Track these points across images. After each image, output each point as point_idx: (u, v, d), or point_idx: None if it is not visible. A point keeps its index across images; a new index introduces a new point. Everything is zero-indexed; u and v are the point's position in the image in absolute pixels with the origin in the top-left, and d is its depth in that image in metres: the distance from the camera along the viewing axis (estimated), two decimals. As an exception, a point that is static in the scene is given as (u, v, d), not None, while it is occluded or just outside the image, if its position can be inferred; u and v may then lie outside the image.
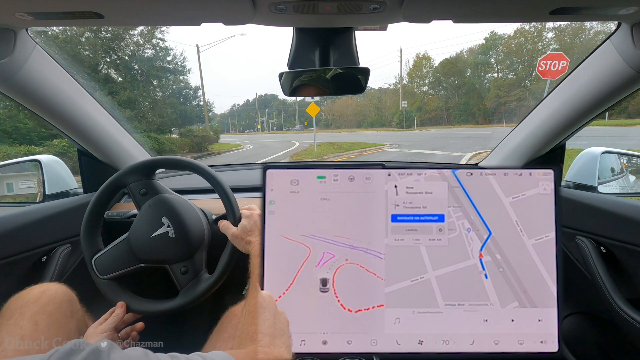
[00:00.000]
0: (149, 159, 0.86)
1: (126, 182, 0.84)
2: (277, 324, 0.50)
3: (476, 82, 34.45)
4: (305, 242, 0.58)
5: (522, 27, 30.06)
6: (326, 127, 51.70)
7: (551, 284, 0.57)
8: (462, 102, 35.24)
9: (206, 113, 21.07)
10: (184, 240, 0.80)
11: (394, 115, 34.77)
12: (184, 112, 16.71)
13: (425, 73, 39.70)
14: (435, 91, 39.37)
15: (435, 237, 0.58)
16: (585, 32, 25.71)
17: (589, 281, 0.89)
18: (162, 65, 14.83)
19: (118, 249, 0.80)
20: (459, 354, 0.57)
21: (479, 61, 34.66)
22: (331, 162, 3.91)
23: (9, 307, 0.67)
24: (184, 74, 16.33)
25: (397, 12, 0.60)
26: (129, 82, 12.94)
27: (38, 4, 0.55)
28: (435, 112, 37.25)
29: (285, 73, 0.71)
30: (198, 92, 18.67)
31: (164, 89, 15.52)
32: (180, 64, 15.71)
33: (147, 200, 0.83)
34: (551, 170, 0.59)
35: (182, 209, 0.83)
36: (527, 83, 29.77)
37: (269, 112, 75.97)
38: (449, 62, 36.70)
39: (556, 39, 28.59)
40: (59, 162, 1.21)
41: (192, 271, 0.80)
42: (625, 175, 1.24)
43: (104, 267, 0.78)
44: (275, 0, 0.54)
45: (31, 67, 0.76)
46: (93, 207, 0.82)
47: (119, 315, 0.74)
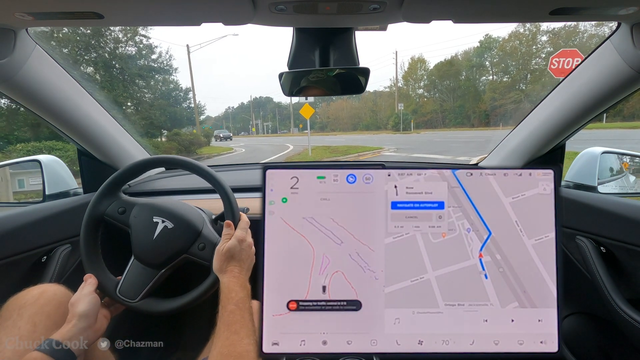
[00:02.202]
0: (111, 178, 0.84)
1: (100, 212, 0.82)
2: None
3: (471, 85, 34.47)
4: (306, 242, 0.58)
5: (517, 29, 30.26)
6: (321, 130, 51.43)
7: (551, 284, 0.57)
8: (457, 104, 35.27)
9: (197, 115, 20.29)
10: (184, 224, 0.80)
11: (389, 118, 34.64)
12: (174, 114, 16.04)
13: (420, 76, 39.68)
14: (430, 94, 39.35)
15: (435, 224, 0.58)
16: (579, 35, 25.78)
17: (589, 281, 0.89)
18: (146, 64, 13.99)
19: (134, 271, 0.79)
20: (459, 354, 0.57)
21: (474, 64, 34.70)
22: (331, 162, 3.92)
23: (7, 308, 0.67)
24: (169, 74, 15.56)
25: (397, 12, 0.60)
26: (107, 82, 12.27)
27: (38, 4, 0.55)
28: (430, 114, 37.30)
29: (285, 73, 0.71)
30: (189, 93, 18.02)
31: (152, 90, 14.74)
32: (166, 62, 14.88)
33: (129, 215, 0.82)
34: (551, 170, 0.59)
35: (164, 203, 0.84)
36: (522, 86, 29.86)
37: (264, 114, 75.42)
38: (444, 64, 36.69)
39: (550, 42, 28.73)
40: (59, 162, 1.21)
41: (209, 244, 0.79)
42: (625, 175, 1.24)
43: (131, 292, 0.78)
44: (275, 1, 0.54)
45: (31, 67, 0.76)
46: (86, 249, 0.80)
47: (94, 283, 0.73)
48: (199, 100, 32.14)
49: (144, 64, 14.13)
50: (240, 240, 0.71)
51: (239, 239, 0.72)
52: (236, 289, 0.63)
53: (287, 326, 0.57)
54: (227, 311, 0.59)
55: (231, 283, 0.64)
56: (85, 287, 0.71)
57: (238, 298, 0.61)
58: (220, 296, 0.63)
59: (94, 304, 0.68)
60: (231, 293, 0.62)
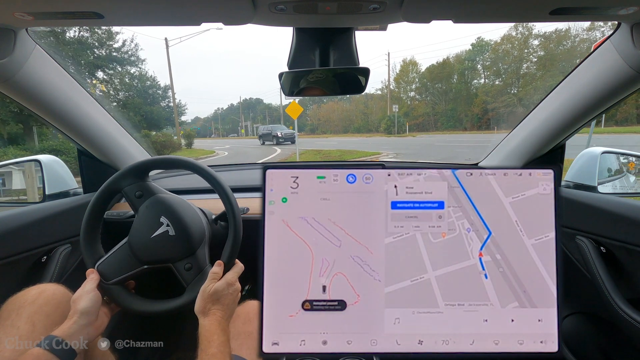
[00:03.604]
0: (142, 161, 0.86)
1: (120, 186, 0.83)
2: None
3: (463, 88, 34.45)
4: (305, 242, 0.58)
5: (509, 33, 30.33)
6: (312, 132, 50.91)
7: (551, 284, 0.57)
8: (449, 107, 35.22)
9: (176, 115, 18.46)
10: (184, 237, 0.80)
11: (381, 120, 34.19)
12: (150, 113, 14.62)
13: (412, 78, 39.49)
14: (422, 97, 39.13)
15: (435, 224, 0.58)
16: (570, 39, 25.80)
17: (589, 281, 0.89)
18: (107, 53, 11.85)
19: (120, 253, 0.80)
20: (459, 354, 0.57)
21: (466, 67, 34.69)
22: (331, 162, 3.91)
23: (6, 308, 0.67)
24: (135, 65, 13.76)
25: (397, 12, 0.60)
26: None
27: (38, 4, 0.55)
28: (422, 117, 37.21)
29: (285, 73, 0.71)
30: (168, 91, 16.55)
31: (125, 87, 12.82)
32: (132, 52, 12.88)
33: (143, 202, 0.83)
34: (551, 170, 0.59)
35: (179, 207, 0.83)
36: (515, 90, 29.87)
37: (254, 116, 74.52)
38: (436, 67, 36.61)
39: (541, 46, 28.83)
40: (59, 162, 1.21)
41: (196, 267, 0.79)
42: (625, 175, 1.24)
43: (107, 272, 0.78)
44: (275, 0, 0.54)
45: (31, 67, 0.76)
46: (90, 214, 0.81)
47: (95, 279, 0.73)
48: (179, 99, 29.93)
49: (105, 53, 12.13)
50: (229, 284, 0.70)
51: (228, 282, 0.70)
52: (218, 332, 0.63)
53: (287, 326, 0.57)
54: (209, 354, 0.59)
55: (213, 326, 0.63)
56: (87, 284, 0.71)
57: (220, 341, 0.61)
58: (200, 338, 0.62)
59: (95, 302, 0.68)
60: (213, 336, 0.62)
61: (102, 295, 0.72)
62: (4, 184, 1.40)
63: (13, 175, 1.38)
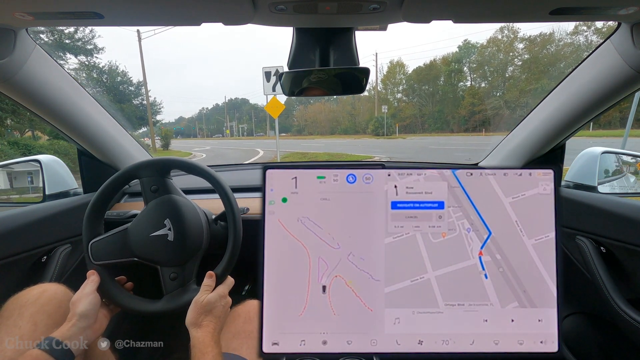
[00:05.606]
0: (164, 158, 0.86)
1: (141, 174, 0.84)
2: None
3: (450, 90, 34.53)
4: (304, 243, 0.58)
5: (495, 36, 30.48)
6: (299, 133, 50.55)
7: (551, 284, 0.57)
8: (436, 109, 35.30)
9: (149, 114, 16.61)
10: (180, 247, 0.79)
11: (368, 122, 34.11)
12: (120, 112, 13.45)
13: (399, 80, 39.52)
14: (409, 98, 39.23)
15: (435, 224, 0.58)
16: (554, 43, 25.86)
17: (589, 281, 0.89)
18: (58, 39, 10.17)
19: (116, 237, 0.80)
20: (459, 354, 0.57)
21: (452, 69, 34.72)
22: (331, 162, 3.91)
23: (8, 308, 0.67)
24: (90, 54, 12.18)
25: (397, 12, 0.60)
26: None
27: (38, 4, 0.55)
28: (409, 119, 37.29)
29: (285, 73, 0.71)
30: (141, 88, 14.92)
31: (92, 82, 11.39)
32: (87, 39, 11.16)
33: (155, 197, 0.83)
34: (551, 170, 0.59)
35: (187, 214, 0.82)
36: (500, 92, 29.93)
37: (239, 116, 73.53)
38: (423, 69, 36.67)
39: (526, 49, 28.91)
40: (59, 162, 1.21)
41: (180, 279, 0.79)
42: (625, 175, 1.24)
43: (99, 252, 0.78)
44: (275, 0, 0.54)
45: (31, 67, 0.76)
46: (104, 190, 0.82)
47: (96, 281, 0.72)
48: (154, 97, 26.21)
49: (54, 39, 10.54)
50: (221, 297, 0.71)
51: (220, 294, 0.71)
52: (212, 345, 0.63)
53: (287, 326, 0.57)
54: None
55: (207, 339, 0.63)
56: (87, 286, 0.71)
57: (214, 354, 0.61)
58: (193, 350, 0.62)
59: (94, 304, 0.68)
60: (207, 348, 0.62)
61: (101, 297, 0.72)
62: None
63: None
